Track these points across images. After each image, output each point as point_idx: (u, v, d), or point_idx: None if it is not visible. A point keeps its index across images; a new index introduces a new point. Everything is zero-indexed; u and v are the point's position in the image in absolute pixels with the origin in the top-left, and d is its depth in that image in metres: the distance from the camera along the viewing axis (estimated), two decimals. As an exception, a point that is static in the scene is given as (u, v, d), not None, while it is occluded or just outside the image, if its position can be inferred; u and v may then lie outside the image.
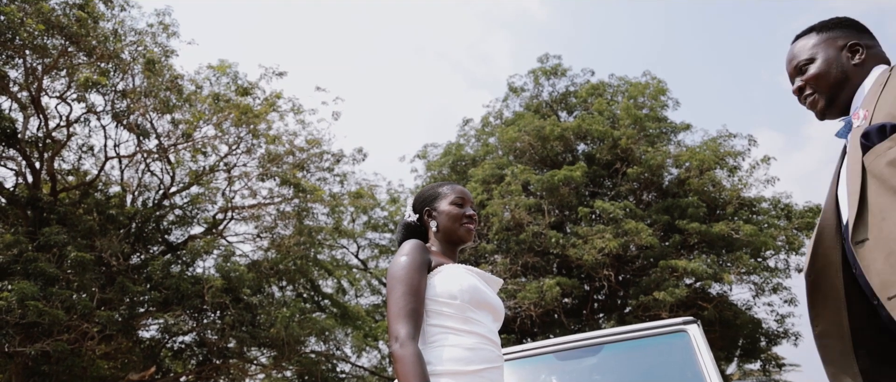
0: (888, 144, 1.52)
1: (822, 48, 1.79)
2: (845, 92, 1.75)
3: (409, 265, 2.03)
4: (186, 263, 14.36)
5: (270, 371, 16.37)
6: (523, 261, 15.35)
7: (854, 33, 1.79)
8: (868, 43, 1.78)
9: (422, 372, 1.85)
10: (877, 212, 1.53)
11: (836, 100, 1.76)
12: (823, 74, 1.77)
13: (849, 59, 1.75)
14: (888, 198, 1.50)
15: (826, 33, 1.81)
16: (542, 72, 18.85)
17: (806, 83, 1.80)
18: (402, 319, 1.94)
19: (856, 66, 1.74)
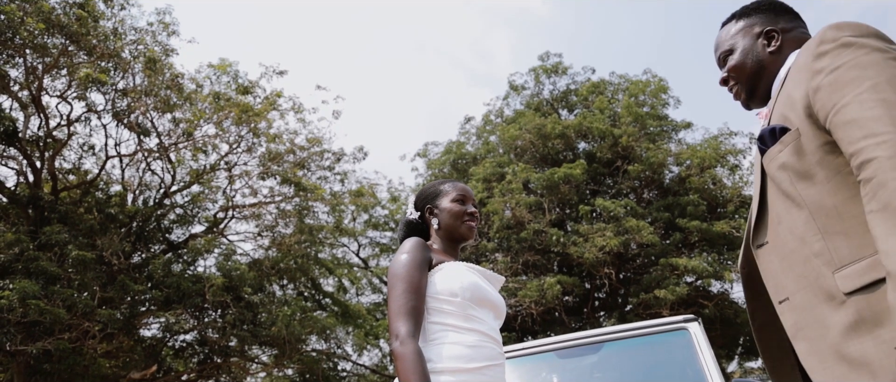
0: (778, 148, 1.49)
1: (740, 37, 1.73)
2: (763, 81, 1.69)
3: (410, 263, 2.03)
4: (187, 262, 14.37)
5: (271, 369, 16.38)
6: (524, 259, 15.35)
7: (770, 18, 1.71)
8: (785, 26, 1.70)
9: (422, 370, 1.85)
10: (773, 216, 1.51)
11: (757, 90, 1.71)
12: (740, 66, 1.71)
13: (764, 46, 1.69)
14: (782, 203, 1.48)
15: (744, 20, 1.74)
16: (543, 70, 18.85)
17: (728, 74, 1.75)
18: (403, 317, 1.94)
19: (772, 54, 1.67)
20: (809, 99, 1.42)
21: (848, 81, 1.34)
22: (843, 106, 1.33)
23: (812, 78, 1.42)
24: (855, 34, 1.40)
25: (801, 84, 1.46)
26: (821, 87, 1.39)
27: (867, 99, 1.29)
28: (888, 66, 1.33)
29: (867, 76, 1.32)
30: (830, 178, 1.39)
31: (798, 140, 1.44)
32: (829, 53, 1.40)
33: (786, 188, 1.47)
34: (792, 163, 1.45)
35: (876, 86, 1.30)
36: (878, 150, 1.23)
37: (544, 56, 18.87)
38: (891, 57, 1.35)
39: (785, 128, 1.48)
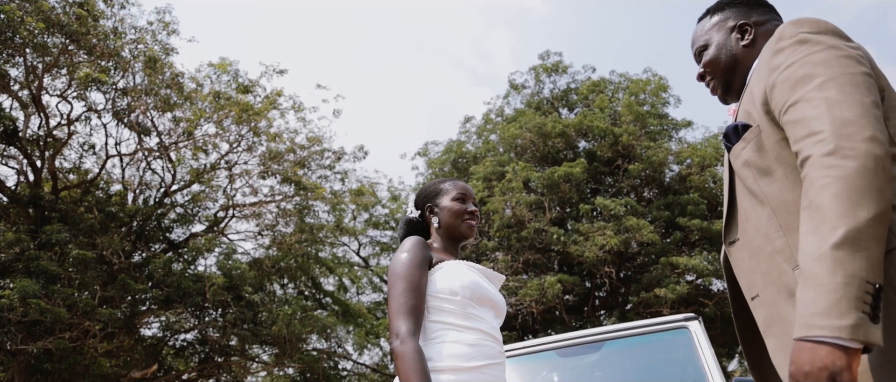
0: (741, 145, 1.49)
1: (714, 32, 1.73)
2: (738, 75, 1.68)
3: (410, 261, 2.03)
4: (188, 261, 14.37)
5: (272, 368, 16.39)
6: (524, 258, 15.35)
7: (744, 11, 1.71)
8: (759, 19, 1.69)
9: (422, 369, 1.85)
10: (742, 213, 1.52)
11: (732, 84, 1.70)
12: (715, 60, 1.71)
13: (738, 40, 1.68)
14: (748, 200, 1.48)
15: (719, 15, 1.74)
16: (544, 68, 18.84)
17: (704, 69, 1.75)
18: (403, 316, 1.94)
19: (745, 48, 1.66)
20: (767, 95, 1.43)
21: (799, 78, 1.35)
22: (792, 103, 1.34)
23: (769, 74, 1.43)
24: (811, 31, 1.40)
25: (761, 80, 1.47)
26: (776, 84, 1.40)
27: (813, 97, 1.30)
28: (839, 64, 1.33)
29: (817, 73, 1.33)
30: (788, 174, 1.40)
31: (759, 136, 1.45)
32: (786, 50, 1.41)
33: (750, 185, 1.47)
34: (754, 160, 1.46)
35: (823, 84, 1.30)
36: (814, 149, 1.24)
37: (544, 55, 18.87)
38: (843, 54, 1.35)
39: (747, 125, 1.49)
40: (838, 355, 1.12)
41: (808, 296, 1.17)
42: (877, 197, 1.18)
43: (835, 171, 1.20)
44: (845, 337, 1.11)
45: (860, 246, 1.15)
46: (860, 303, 1.12)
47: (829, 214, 1.18)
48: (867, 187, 1.18)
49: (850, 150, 1.20)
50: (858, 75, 1.32)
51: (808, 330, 1.15)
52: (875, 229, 1.16)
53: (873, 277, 1.14)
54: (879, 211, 1.17)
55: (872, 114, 1.25)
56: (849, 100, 1.26)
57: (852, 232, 1.15)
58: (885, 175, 1.20)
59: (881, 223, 1.17)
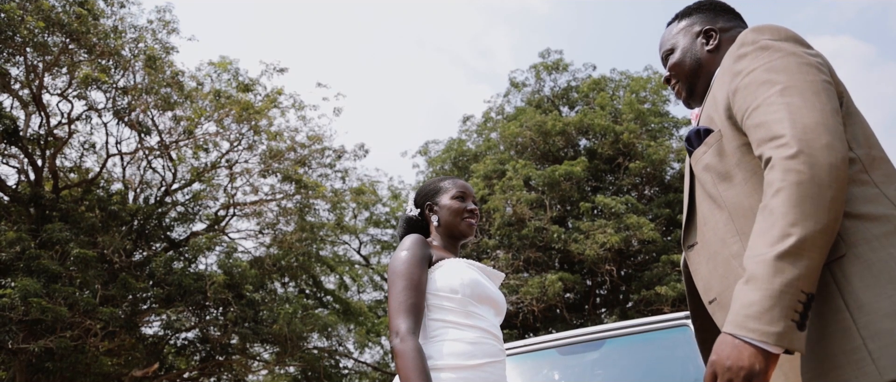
0: (703, 149, 1.51)
1: (681, 36, 1.75)
2: (702, 80, 1.70)
3: (410, 260, 2.03)
4: (189, 260, 14.38)
5: (273, 367, 16.40)
6: (525, 256, 15.35)
7: (710, 17, 1.73)
8: (724, 25, 1.71)
9: (422, 367, 1.85)
10: (701, 217, 1.53)
11: (696, 89, 1.72)
12: (679, 64, 1.73)
13: (703, 45, 1.70)
14: (707, 204, 1.50)
15: (685, 20, 1.76)
16: (544, 66, 18.83)
17: (670, 72, 1.77)
18: (403, 314, 1.94)
19: (709, 53, 1.68)
20: (729, 100, 1.45)
21: (760, 84, 1.37)
22: (754, 108, 1.35)
23: (732, 80, 1.45)
24: (773, 38, 1.42)
25: (723, 85, 1.48)
26: (738, 89, 1.42)
27: (775, 102, 1.32)
28: (800, 71, 1.35)
29: (779, 80, 1.34)
30: (747, 180, 1.41)
31: (720, 141, 1.47)
32: (748, 56, 1.43)
33: (709, 189, 1.49)
34: (714, 165, 1.47)
35: (785, 89, 1.32)
36: (776, 152, 1.26)
37: (545, 53, 18.87)
38: (804, 62, 1.37)
39: (709, 130, 1.50)
40: (760, 358, 1.18)
41: (745, 296, 1.21)
42: (828, 207, 1.20)
43: (793, 176, 1.22)
44: (771, 343, 1.17)
45: (802, 256, 1.19)
46: (791, 312, 1.17)
47: (780, 221, 1.21)
48: (821, 196, 1.20)
49: (810, 156, 1.22)
50: (819, 82, 1.34)
51: (738, 329, 1.20)
52: (821, 239, 1.20)
53: (808, 287, 1.19)
54: (829, 221, 1.20)
55: (833, 121, 1.27)
56: (810, 106, 1.28)
57: (798, 241, 1.19)
58: (841, 183, 1.22)
59: (828, 233, 1.20)
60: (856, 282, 1.24)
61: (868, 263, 1.24)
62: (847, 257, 1.26)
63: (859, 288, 1.23)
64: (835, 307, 1.25)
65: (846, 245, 1.27)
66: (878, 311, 1.20)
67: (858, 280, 1.24)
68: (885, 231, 1.27)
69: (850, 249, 1.26)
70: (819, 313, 1.26)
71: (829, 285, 1.26)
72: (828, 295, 1.26)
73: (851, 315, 1.22)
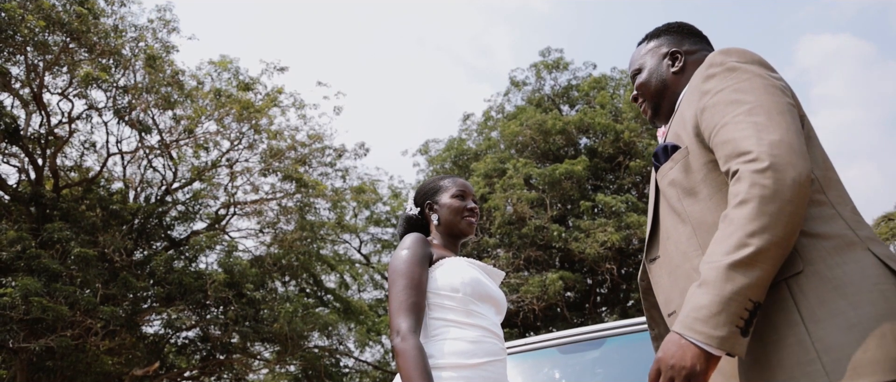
0: (669, 165, 1.55)
1: (648, 57, 1.81)
2: (667, 100, 1.75)
3: (410, 258, 2.03)
4: (189, 259, 14.39)
5: (274, 366, 16.41)
6: (526, 255, 15.35)
7: (677, 40, 1.79)
8: (690, 48, 1.77)
9: (423, 366, 1.85)
10: (664, 231, 1.58)
11: (660, 108, 1.77)
12: (646, 84, 1.78)
13: (669, 66, 1.76)
14: (671, 218, 1.54)
15: (654, 41, 1.82)
16: (544, 65, 18.83)
17: (637, 91, 1.82)
18: (404, 313, 1.94)
19: (675, 75, 1.74)
20: (697, 118, 1.49)
21: (728, 103, 1.42)
22: (722, 126, 1.40)
23: (700, 99, 1.50)
24: (740, 60, 1.48)
25: (691, 104, 1.54)
26: (706, 108, 1.47)
27: (742, 120, 1.37)
28: (766, 92, 1.41)
29: (746, 100, 1.40)
30: (712, 195, 1.46)
31: (686, 158, 1.51)
32: (716, 76, 1.48)
33: (674, 204, 1.53)
34: (680, 180, 1.52)
35: (752, 109, 1.38)
36: (744, 166, 1.31)
37: (545, 51, 18.86)
38: (770, 84, 1.43)
39: (676, 146, 1.55)
40: (702, 359, 1.26)
41: (697, 299, 1.29)
42: (787, 222, 1.26)
43: (757, 190, 1.27)
44: (714, 346, 1.25)
45: (755, 267, 1.25)
46: (737, 318, 1.25)
47: (739, 231, 1.27)
48: (780, 211, 1.26)
49: (777, 172, 1.28)
50: (784, 103, 1.40)
51: (686, 330, 1.28)
52: (776, 252, 1.26)
53: (756, 296, 1.26)
54: (786, 235, 1.26)
55: (798, 140, 1.33)
56: (776, 125, 1.34)
57: (753, 253, 1.25)
58: (802, 200, 1.27)
59: (783, 246, 1.27)
60: (812, 298, 1.29)
61: (824, 279, 1.30)
62: (804, 273, 1.32)
63: (815, 303, 1.28)
64: (791, 320, 1.30)
65: (803, 261, 1.32)
66: (832, 326, 1.25)
67: (814, 295, 1.29)
68: (840, 249, 1.32)
69: (808, 266, 1.32)
70: (775, 326, 1.31)
71: (787, 299, 1.31)
72: (785, 308, 1.31)
73: (806, 328, 1.27)
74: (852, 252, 1.32)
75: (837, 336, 1.24)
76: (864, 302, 1.25)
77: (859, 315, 1.24)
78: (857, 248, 1.32)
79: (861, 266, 1.30)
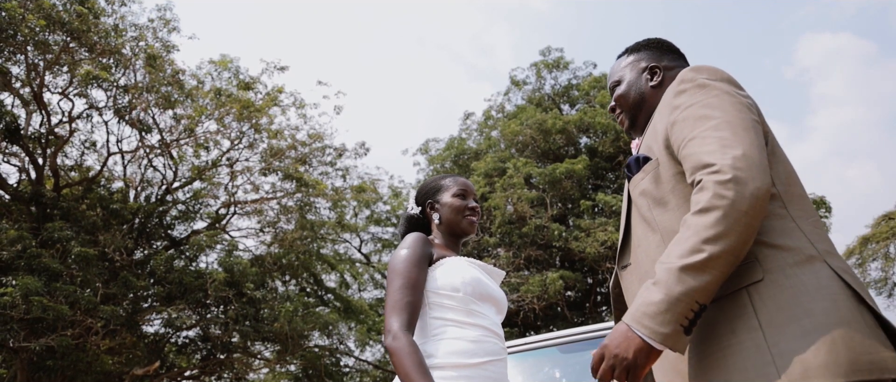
0: (641, 175, 1.62)
1: (628, 70, 1.86)
2: (643, 112, 1.81)
3: (408, 258, 2.04)
4: (189, 258, 14.39)
5: (274, 365, 16.41)
6: (526, 255, 15.35)
7: (655, 55, 1.85)
8: (668, 64, 1.83)
9: (419, 361, 1.85)
10: (635, 240, 1.64)
11: (637, 120, 1.83)
12: (624, 96, 1.84)
13: (647, 81, 1.81)
14: (642, 227, 1.61)
15: (633, 55, 1.88)
16: (545, 65, 18.82)
17: (615, 103, 1.88)
18: (397, 312, 1.95)
19: (653, 88, 1.80)
20: (668, 131, 1.57)
21: (697, 118, 1.49)
22: (690, 139, 1.47)
23: (671, 113, 1.57)
24: (710, 78, 1.56)
25: (663, 118, 1.61)
26: (676, 122, 1.54)
27: (709, 135, 1.44)
28: (733, 108, 1.48)
29: (713, 116, 1.47)
30: (680, 205, 1.53)
31: (657, 169, 1.59)
32: (687, 92, 1.56)
33: (644, 213, 1.60)
34: (650, 190, 1.59)
35: (718, 125, 1.45)
36: (708, 177, 1.38)
37: (545, 51, 18.86)
38: (737, 101, 1.50)
39: (647, 158, 1.63)
40: (644, 352, 1.36)
41: (648, 296, 1.38)
42: (741, 232, 1.34)
43: (717, 200, 1.35)
44: (657, 341, 1.34)
45: (705, 272, 1.34)
46: (682, 318, 1.34)
47: (695, 237, 1.35)
48: (737, 222, 1.34)
49: (737, 184, 1.35)
50: (749, 120, 1.47)
51: (634, 323, 1.38)
52: (727, 260, 1.34)
53: (703, 299, 1.34)
54: (738, 244, 1.34)
55: (760, 156, 1.40)
56: (740, 140, 1.41)
57: (705, 259, 1.33)
58: (758, 213, 1.35)
59: (735, 255, 1.35)
60: (770, 305, 1.36)
61: (782, 288, 1.37)
62: (764, 282, 1.39)
63: (773, 310, 1.36)
64: (750, 326, 1.37)
65: (764, 271, 1.40)
66: (788, 332, 1.33)
67: (772, 303, 1.36)
68: (798, 261, 1.40)
69: (767, 275, 1.39)
70: (735, 330, 1.38)
71: (747, 306, 1.39)
72: (744, 315, 1.38)
73: (764, 333, 1.35)
74: (810, 264, 1.39)
75: (792, 341, 1.31)
76: (818, 311, 1.33)
77: (813, 322, 1.31)
78: (815, 261, 1.39)
79: (817, 277, 1.37)
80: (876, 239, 18.60)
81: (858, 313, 1.34)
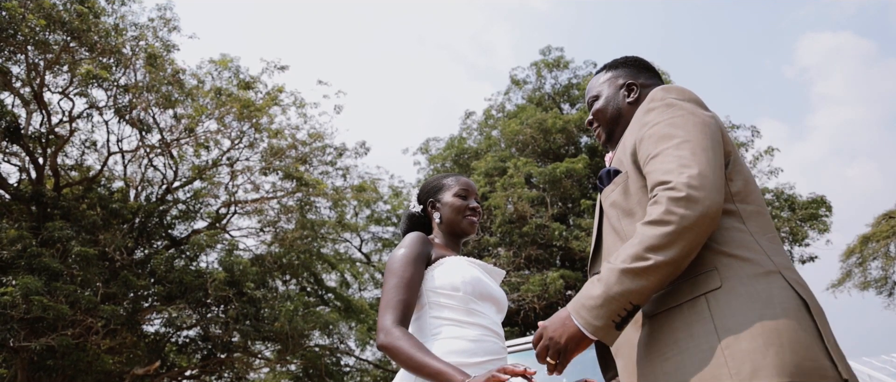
0: (611, 187, 1.71)
1: (606, 86, 1.94)
2: (619, 127, 1.88)
3: (404, 257, 2.05)
4: (190, 257, 14.38)
5: (275, 364, 16.41)
6: (526, 254, 15.35)
7: (633, 72, 1.93)
8: (645, 82, 1.91)
9: (415, 344, 1.88)
10: (606, 248, 1.73)
11: (613, 134, 1.90)
12: (602, 111, 1.92)
13: (625, 97, 1.89)
14: (612, 236, 1.70)
15: (611, 72, 1.96)
16: (545, 64, 18.81)
17: (593, 117, 1.95)
18: (389, 310, 1.97)
19: (629, 105, 1.88)
20: (636, 147, 1.65)
21: (662, 136, 1.58)
22: (653, 156, 1.56)
23: (639, 129, 1.66)
24: (678, 98, 1.65)
25: (632, 134, 1.69)
26: (643, 138, 1.63)
27: (670, 153, 1.53)
28: (696, 129, 1.57)
29: (677, 134, 1.56)
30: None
31: (626, 182, 1.68)
32: (655, 110, 1.64)
33: (614, 223, 1.69)
34: (620, 202, 1.68)
35: (680, 144, 1.54)
36: (663, 194, 1.47)
37: (546, 50, 18.83)
38: (700, 121, 1.59)
39: (618, 171, 1.71)
40: (576, 340, 1.51)
41: (591, 289, 1.51)
42: (683, 247, 1.44)
43: (668, 216, 1.45)
44: (589, 332, 1.49)
45: (643, 278, 1.45)
46: (615, 315, 1.47)
47: (640, 246, 1.46)
48: (681, 237, 1.44)
49: (688, 201, 1.44)
50: (709, 140, 1.55)
51: (573, 312, 1.52)
52: (666, 270, 1.45)
53: (637, 301, 1.46)
54: (679, 257, 1.45)
55: (715, 175, 1.49)
56: (697, 160, 1.50)
57: (645, 266, 1.44)
58: (704, 229, 1.45)
59: (675, 266, 1.46)
60: (726, 311, 1.46)
61: (738, 296, 1.46)
62: (722, 289, 1.48)
63: (728, 315, 1.45)
64: (707, 330, 1.46)
65: (722, 279, 1.49)
66: (741, 337, 1.42)
67: (728, 309, 1.46)
68: (754, 271, 1.49)
69: (725, 283, 1.49)
70: (693, 334, 1.47)
71: (705, 311, 1.48)
72: (702, 319, 1.47)
73: (719, 337, 1.44)
74: (766, 275, 1.48)
75: (743, 344, 1.41)
76: (769, 317, 1.42)
77: (763, 327, 1.41)
78: (770, 273, 1.49)
79: (770, 286, 1.47)
80: (876, 238, 18.59)
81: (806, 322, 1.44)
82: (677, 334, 1.50)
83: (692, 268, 1.52)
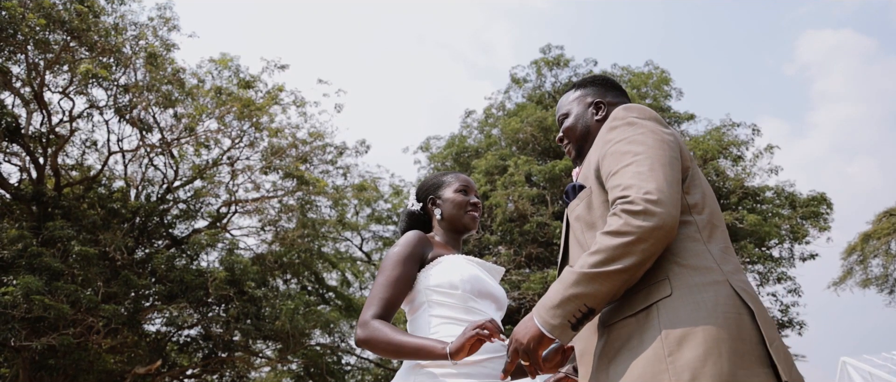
0: (576, 202, 1.79)
1: (575, 104, 2.03)
2: (588, 144, 1.96)
3: (396, 256, 2.07)
4: (190, 257, 14.39)
5: (276, 363, 16.42)
6: (527, 252, 15.36)
7: (601, 91, 2.02)
8: (612, 100, 2.00)
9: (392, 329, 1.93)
10: (571, 259, 1.80)
11: (582, 151, 1.99)
12: (571, 128, 2.01)
13: (593, 115, 1.98)
14: (576, 249, 1.77)
15: (581, 91, 2.04)
16: (545, 62, 18.80)
17: (563, 134, 2.03)
18: (370, 306, 2.01)
19: (597, 122, 1.96)
20: (599, 163, 1.72)
21: (622, 153, 1.65)
22: (614, 172, 1.64)
23: (603, 146, 1.74)
24: (639, 117, 1.73)
25: (596, 150, 1.77)
26: (606, 155, 1.70)
27: (629, 169, 1.61)
28: (655, 146, 1.64)
29: (636, 151, 1.64)
30: None
31: (590, 196, 1.75)
32: (618, 128, 1.72)
33: (578, 236, 1.76)
34: (584, 215, 1.75)
35: (639, 160, 1.61)
36: (620, 207, 1.55)
37: (546, 48, 18.81)
38: (660, 139, 1.67)
39: (582, 186, 1.79)
40: (537, 339, 1.60)
41: (551, 291, 1.59)
42: (638, 257, 1.52)
43: (625, 227, 1.52)
44: (546, 330, 1.58)
45: (598, 283, 1.53)
46: (571, 316, 1.55)
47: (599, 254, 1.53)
48: (635, 248, 1.51)
49: (645, 215, 1.51)
50: (667, 157, 1.63)
51: (535, 313, 1.61)
52: (621, 277, 1.53)
53: (592, 304, 1.54)
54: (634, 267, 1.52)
55: (671, 190, 1.56)
56: (654, 176, 1.57)
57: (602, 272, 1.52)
58: (659, 242, 1.52)
59: (629, 274, 1.53)
60: (673, 319, 1.52)
61: (685, 304, 1.53)
62: (671, 297, 1.55)
63: (674, 323, 1.51)
64: (654, 336, 1.52)
65: (672, 288, 1.56)
66: (685, 346, 1.48)
67: (675, 317, 1.52)
68: (703, 280, 1.55)
69: (675, 291, 1.55)
70: (643, 341, 1.54)
71: (654, 319, 1.54)
72: (652, 327, 1.54)
73: (664, 344, 1.50)
74: (714, 284, 1.55)
75: (686, 351, 1.47)
76: (711, 325, 1.49)
77: (706, 336, 1.47)
78: (718, 282, 1.55)
79: (717, 295, 1.53)
80: (877, 236, 18.60)
81: (748, 330, 1.50)
82: (631, 341, 1.56)
83: (648, 277, 1.58)
